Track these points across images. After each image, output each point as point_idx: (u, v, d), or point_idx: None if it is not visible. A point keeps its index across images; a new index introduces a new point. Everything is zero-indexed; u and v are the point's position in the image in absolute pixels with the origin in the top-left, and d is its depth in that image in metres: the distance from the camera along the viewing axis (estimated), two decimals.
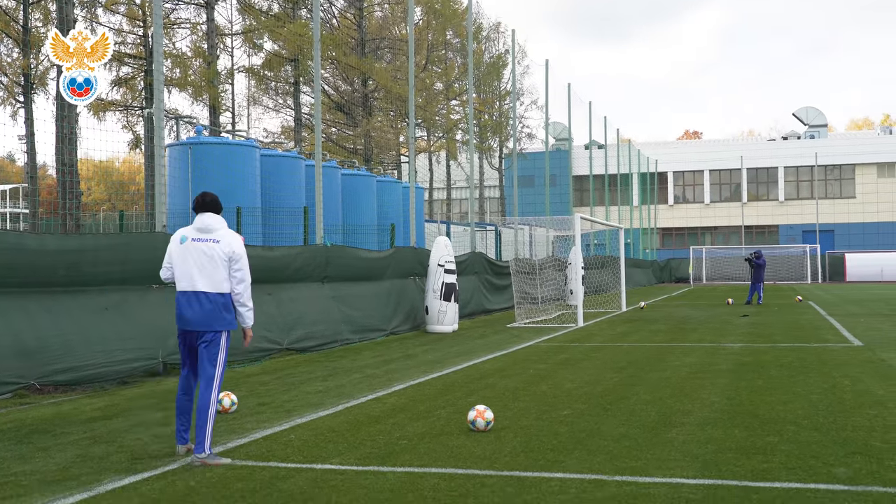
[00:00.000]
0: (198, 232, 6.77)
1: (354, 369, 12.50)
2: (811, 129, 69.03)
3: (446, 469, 6.22)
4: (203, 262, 6.67)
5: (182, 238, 6.80)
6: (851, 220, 65.34)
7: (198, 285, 6.66)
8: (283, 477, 6.06)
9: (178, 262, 6.76)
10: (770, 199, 67.60)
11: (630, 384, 10.40)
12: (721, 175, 68.83)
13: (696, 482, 5.74)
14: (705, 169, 68.76)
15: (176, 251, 6.80)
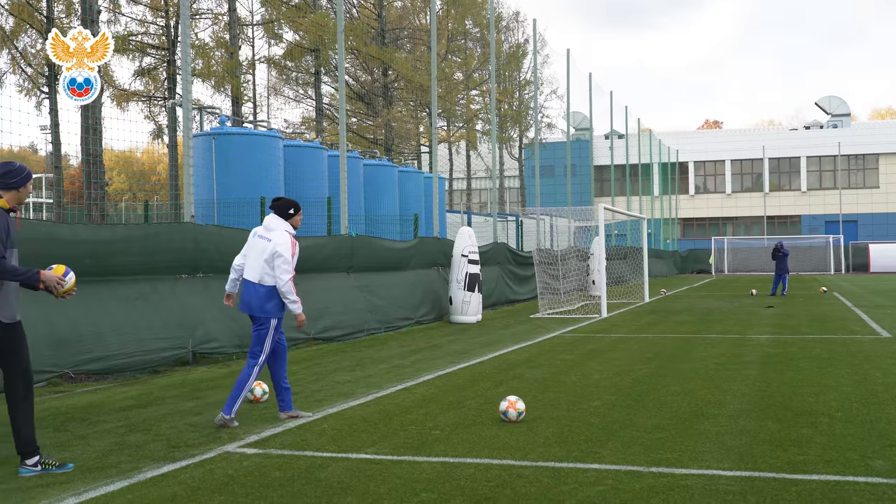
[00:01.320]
0: (264, 230, 7.93)
1: (381, 359, 12.54)
2: (834, 118, 68.46)
3: (481, 459, 6.24)
4: (257, 256, 7.80)
5: (253, 233, 8.03)
6: (875, 210, 64.81)
7: (251, 276, 7.81)
8: (319, 466, 6.10)
9: (247, 253, 7.96)
10: (792, 189, 67.14)
11: (659, 375, 10.39)
12: (742, 165, 68.41)
13: (733, 474, 5.74)
14: (727, 159, 68.36)
15: (248, 243, 8.03)
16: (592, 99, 44.07)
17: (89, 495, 5.38)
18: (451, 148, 57.13)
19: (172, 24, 33.41)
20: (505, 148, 59.74)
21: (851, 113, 71.59)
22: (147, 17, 34.04)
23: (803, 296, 27.99)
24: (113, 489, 5.52)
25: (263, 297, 7.76)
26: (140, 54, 34.51)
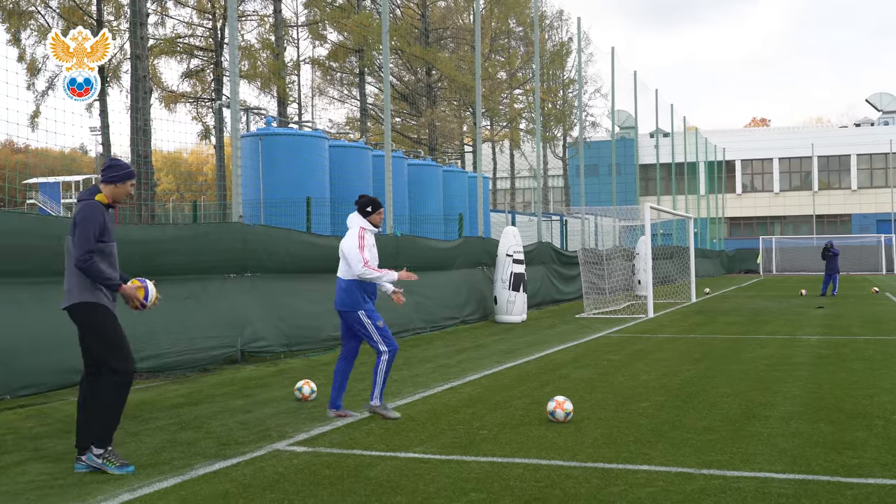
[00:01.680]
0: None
1: (427, 359, 12.56)
2: (885, 115, 67.20)
3: (530, 459, 6.22)
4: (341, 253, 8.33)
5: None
6: None
7: (338, 272, 8.44)
8: (368, 464, 6.13)
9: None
10: (842, 187, 66.04)
11: (708, 376, 10.28)
12: (791, 163, 67.43)
13: (786, 477, 5.66)
14: (774, 157, 67.42)
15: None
16: (637, 97, 43.73)
17: (143, 491, 5.46)
18: (494, 147, 57.06)
19: (219, 26, 33.83)
20: (549, 147, 59.56)
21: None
22: (194, 20, 34.50)
23: (854, 296, 27.54)
24: (166, 486, 5.60)
25: (343, 291, 8.28)
26: (187, 56, 34.99)
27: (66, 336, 9.10)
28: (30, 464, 6.24)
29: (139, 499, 5.31)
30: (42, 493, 5.44)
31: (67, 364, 9.06)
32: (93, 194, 6.13)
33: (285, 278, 12.82)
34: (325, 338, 13.20)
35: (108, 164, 6.28)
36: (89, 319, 6.08)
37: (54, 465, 6.19)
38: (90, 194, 6.14)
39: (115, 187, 6.22)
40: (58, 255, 9.22)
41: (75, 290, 6.05)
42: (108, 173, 6.22)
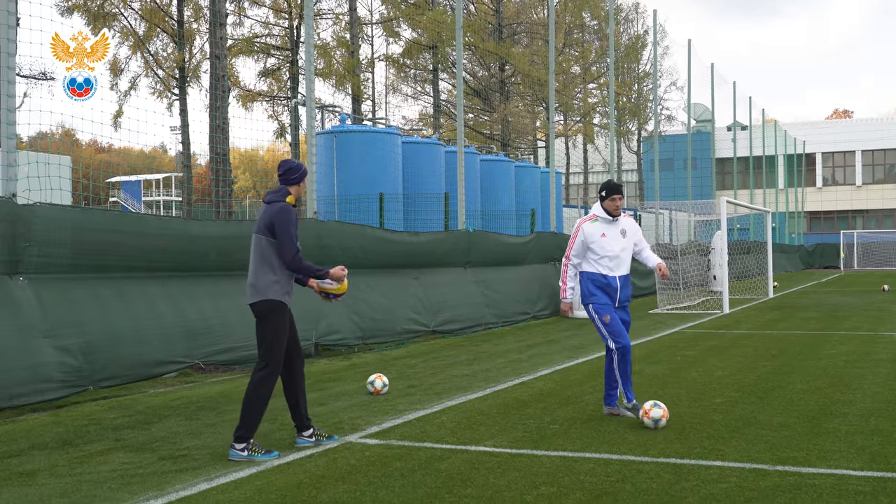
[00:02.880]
0: None
1: (498, 354, 12.58)
2: None
3: (600, 454, 6.21)
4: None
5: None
6: None
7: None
8: (439, 457, 6.18)
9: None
10: None
11: (784, 373, 10.09)
12: (874, 156, 65.52)
13: (864, 474, 5.54)
14: (857, 149, 65.59)
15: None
16: (714, 90, 42.98)
17: (220, 481, 5.61)
18: (567, 142, 56.73)
19: (295, 25, 34.30)
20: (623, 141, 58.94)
21: None
22: (270, 19, 35.04)
23: None
24: (242, 476, 5.74)
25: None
26: (264, 56, 35.57)
27: (145, 330, 9.41)
28: (112, 453, 6.46)
29: (216, 488, 5.45)
30: (123, 482, 5.63)
31: (148, 357, 9.35)
32: (283, 196, 6.51)
33: (360, 273, 12.93)
34: (399, 331, 13.34)
35: (287, 166, 6.61)
36: (274, 316, 6.48)
37: (135, 455, 6.39)
38: (280, 196, 6.51)
39: (298, 187, 6.62)
40: (135, 251, 9.55)
41: (264, 288, 6.44)
42: (290, 175, 6.58)
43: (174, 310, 9.85)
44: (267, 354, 6.46)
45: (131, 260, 9.58)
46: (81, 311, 8.76)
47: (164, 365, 9.56)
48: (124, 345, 9.08)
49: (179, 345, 9.77)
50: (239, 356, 10.53)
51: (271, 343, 6.45)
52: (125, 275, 9.51)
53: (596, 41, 51.04)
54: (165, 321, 9.72)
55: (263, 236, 6.42)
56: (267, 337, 6.46)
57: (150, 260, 9.80)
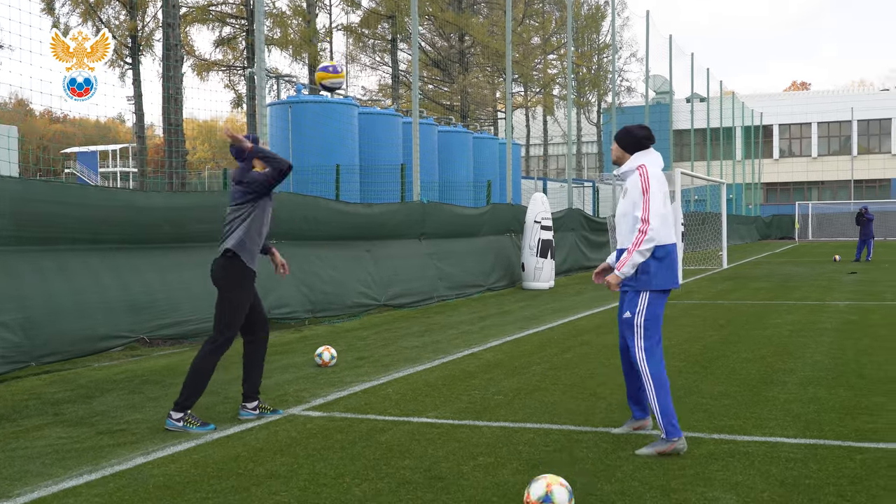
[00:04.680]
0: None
1: (450, 325, 12.60)
2: None
3: (541, 424, 6.25)
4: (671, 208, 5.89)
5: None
6: None
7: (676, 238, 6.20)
8: (380, 429, 6.19)
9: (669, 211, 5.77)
10: (882, 151, 64.89)
11: (730, 342, 10.22)
12: (830, 127, 66.33)
13: (797, 441, 5.63)
14: (813, 121, 66.34)
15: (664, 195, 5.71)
16: (672, 62, 43.14)
17: (156, 455, 5.56)
18: (528, 114, 56.67)
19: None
20: (583, 113, 59.01)
21: None
22: None
23: (889, 262, 27.14)
24: (179, 449, 5.69)
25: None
26: (219, 24, 35.07)
27: (89, 304, 9.27)
28: (49, 428, 6.38)
29: (152, 462, 5.41)
30: (58, 457, 5.56)
31: (91, 332, 9.22)
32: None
33: (311, 245, 12.88)
34: (350, 304, 13.30)
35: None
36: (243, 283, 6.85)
37: (73, 429, 6.31)
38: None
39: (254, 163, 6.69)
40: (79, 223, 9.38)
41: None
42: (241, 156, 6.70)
43: (119, 283, 9.71)
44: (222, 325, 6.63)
45: (75, 232, 9.41)
46: (22, 286, 8.60)
47: (109, 340, 9.43)
48: (67, 319, 8.94)
49: (125, 319, 9.64)
50: (186, 330, 10.43)
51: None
52: (69, 247, 9.34)
53: (556, 12, 50.93)
54: (110, 295, 9.58)
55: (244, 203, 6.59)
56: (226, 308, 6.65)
57: (94, 232, 9.63)
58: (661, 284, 5.55)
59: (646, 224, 5.42)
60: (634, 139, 5.74)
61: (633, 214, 5.53)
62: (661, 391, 5.48)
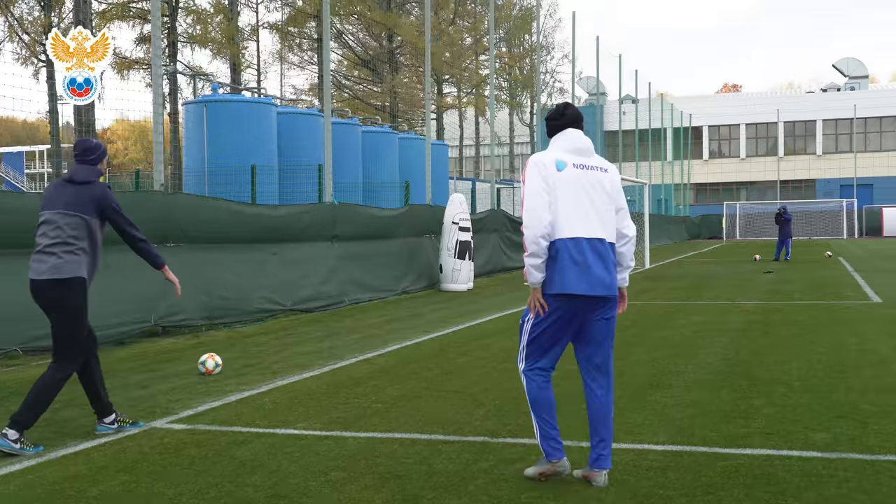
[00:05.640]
0: (577, 155, 4.88)
1: (357, 329, 12.34)
2: (851, 80, 67.34)
3: (411, 434, 6.02)
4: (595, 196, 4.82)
5: (560, 164, 4.79)
6: (891, 174, 63.83)
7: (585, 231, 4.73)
8: (241, 442, 5.90)
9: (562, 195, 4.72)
10: (808, 152, 66.22)
11: (629, 344, 10.12)
12: (758, 129, 67.49)
13: (665, 448, 5.50)
14: (741, 123, 67.43)
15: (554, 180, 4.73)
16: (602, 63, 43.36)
17: None
18: (461, 115, 56.58)
19: None
20: (516, 114, 59.15)
21: (870, 75, 70.50)
22: None
23: (807, 261, 27.56)
24: (15, 469, 5.34)
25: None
26: (140, 21, 34.26)
27: None
28: None
29: None
30: None
31: None
32: (97, 176, 6.34)
33: (210, 249, 12.49)
34: (252, 310, 12.93)
35: (84, 146, 6.38)
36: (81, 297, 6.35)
37: None
38: (95, 176, 6.32)
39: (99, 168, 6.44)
40: None
41: (73, 268, 6.25)
42: (86, 156, 6.34)
43: None
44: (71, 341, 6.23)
45: None
46: None
47: None
48: None
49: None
50: None
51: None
52: None
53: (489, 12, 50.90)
54: None
55: (88, 217, 6.13)
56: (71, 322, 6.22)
57: None
58: (549, 287, 4.74)
59: (523, 223, 4.72)
60: (548, 125, 5.01)
61: None
62: (537, 410, 4.88)
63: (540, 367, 4.94)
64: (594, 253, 4.69)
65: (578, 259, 4.66)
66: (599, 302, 4.79)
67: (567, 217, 4.67)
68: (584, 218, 4.70)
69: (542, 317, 4.81)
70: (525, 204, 4.68)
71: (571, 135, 4.91)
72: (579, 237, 4.67)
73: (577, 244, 4.67)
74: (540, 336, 4.87)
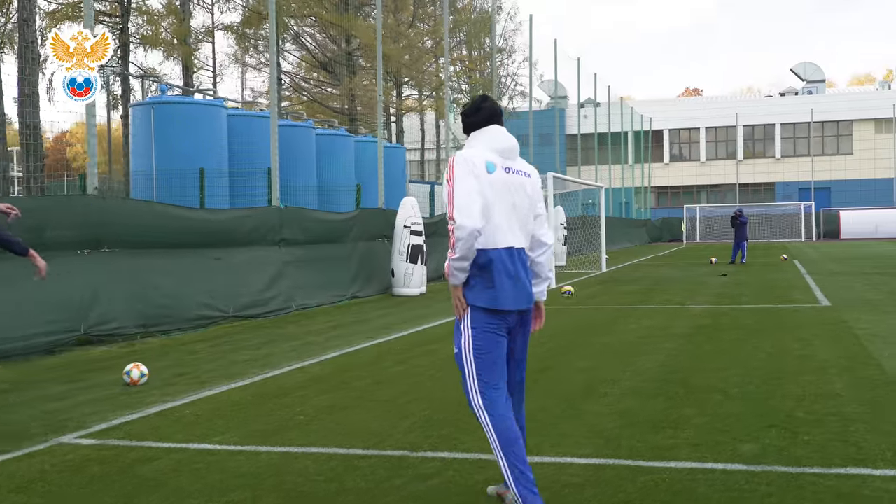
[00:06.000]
0: (504, 157, 4.48)
1: (298, 336, 12.05)
2: (809, 84, 68.11)
3: (328, 448, 5.77)
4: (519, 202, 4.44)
5: (490, 165, 4.37)
6: (848, 177, 64.61)
7: (515, 241, 4.41)
8: (149, 459, 5.62)
9: (492, 200, 4.31)
10: (766, 156, 66.83)
11: (568, 351, 9.96)
12: (717, 132, 68.01)
13: (587, 462, 5.30)
14: (701, 126, 67.91)
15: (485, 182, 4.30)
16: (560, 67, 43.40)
17: None
18: (422, 118, 56.36)
19: None
20: None
21: (827, 79, 71.33)
22: None
23: (761, 264, 27.66)
24: None
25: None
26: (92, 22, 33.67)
27: None
28: None
29: None
30: None
31: None
32: None
33: (145, 255, 12.15)
34: (191, 317, 12.60)
35: None
36: None
37: None
38: None
39: None
40: None
41: None
42: None
43: None
44: None
45: None
46: None
47: None
48: None
49: None
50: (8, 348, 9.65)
51: None
52: None
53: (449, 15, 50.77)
54: None
55: None
56: None
57: None
58: (484, 301, 4.27)
59: (451, 222, 4.16)
60: (464, 121, 4.59)
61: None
62: (507, 448, 4.21)
63: (497, 387, 4.34)
64: (522, 264, 4.40)
65: (512, 272, 4.32)
66: (525, 315, 4.50)
67: (500, 225, 4.30)
68: (512, 226, 4.37)
69: (481, 339, 4.31)
70: (455, 203, 4.17)
71: (497, 133, 4.50)
72: (511, 247, 4.34)
73: (510, 255, 4.33)
74: (485, 356, 4.32)
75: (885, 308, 13.62)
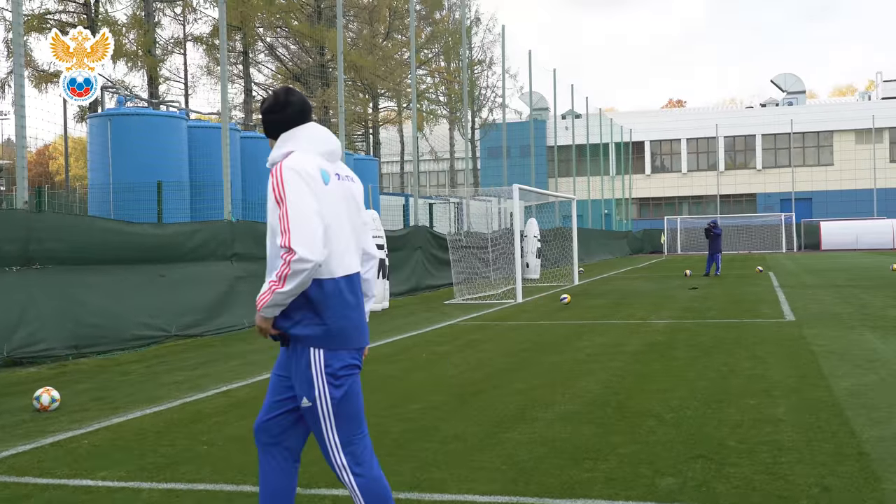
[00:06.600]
0: (333, 162, 3.78)
1: (240, 355, 11.59)
2: (789, 95, 68.11)
3: (215, 485, 5.31)
4: (353, 216, 3.79)
5: (325, 175, 3.64)
6: (829, 188, 64.55)
7: (355, 264, 3.78)
8: (22, 497, 5.16)
9: (332, 219, 3.62)
10: (748, 167, 66.72)
11: (515, 370, 9.52)
12: (699, 143, 67.88)
13: (491, 500, 4.85)
14: (682, 138, 67.78)
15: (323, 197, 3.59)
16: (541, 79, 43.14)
17: None
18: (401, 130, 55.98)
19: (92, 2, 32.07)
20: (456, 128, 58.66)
21: (807, 90, 71.34)
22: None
23: (736, 276, 27.33)
24: None
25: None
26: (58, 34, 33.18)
27: None
28: None
29: None
30: None
31: None
32: None
33: (80, 271, 11.66)
34: (128, 337, 12.08)
35: None
36: None
37: None
38: None
39: None
40: None
41: None
42: None
43: None
44: None
45: None
46: None
47: None
48: None
49: None
50: None
51: None
52: None
53: (427, 27, 50.56)
54: None
55: None
56: None
57: None
58: (341, 341, 3.64)
59: (288, 253, 3.41)
60: (268, 120, 3.76)
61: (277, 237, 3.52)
62: None
63: (363, 440, 3.75)
64: (361, 291, 3.81)
65: (354, 303, 3.68)
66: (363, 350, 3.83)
67: (338, 248, 3.60)
68: (349, 247, 3.69)
69: (338, 385, 3.65)
70: (293, 229, 3.43)
71: (319, 132, 3.73)
72: (352, 274, 3.68)
73: (351, 283, 3.67)
74: (346, 404, 3.68)
75: (849, 322, 13.25)
